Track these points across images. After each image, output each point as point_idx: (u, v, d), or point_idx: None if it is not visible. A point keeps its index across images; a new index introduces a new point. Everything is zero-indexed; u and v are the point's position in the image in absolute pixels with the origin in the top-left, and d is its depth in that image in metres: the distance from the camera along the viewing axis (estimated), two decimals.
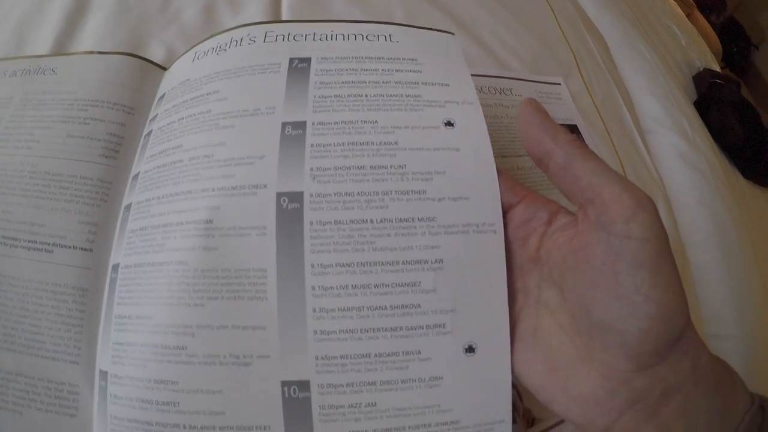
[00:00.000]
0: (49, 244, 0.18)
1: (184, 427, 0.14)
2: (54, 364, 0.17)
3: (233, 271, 0.15)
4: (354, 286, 0.15)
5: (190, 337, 0.15)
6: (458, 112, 0.17)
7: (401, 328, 0.15)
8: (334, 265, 0.15)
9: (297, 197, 0.16)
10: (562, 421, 0.20)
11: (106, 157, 0.19)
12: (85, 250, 0.18)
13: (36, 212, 0.18)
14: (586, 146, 0.14)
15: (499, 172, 0.16)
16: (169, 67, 0.22)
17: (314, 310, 0.15)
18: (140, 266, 0.16)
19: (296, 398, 0.14)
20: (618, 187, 0.13)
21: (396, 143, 0.16)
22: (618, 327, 0.13)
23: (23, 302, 0.17)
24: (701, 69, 0.41)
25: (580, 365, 0.14)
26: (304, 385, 0.14)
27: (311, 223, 0.15)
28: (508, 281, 0.15)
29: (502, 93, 0.28)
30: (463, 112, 0.17)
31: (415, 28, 0.20)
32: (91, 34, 0.24)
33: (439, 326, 0.15)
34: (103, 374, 0.16)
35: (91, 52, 0.22)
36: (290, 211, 0.15)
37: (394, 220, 0.15)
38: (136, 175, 0.18)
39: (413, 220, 0.15)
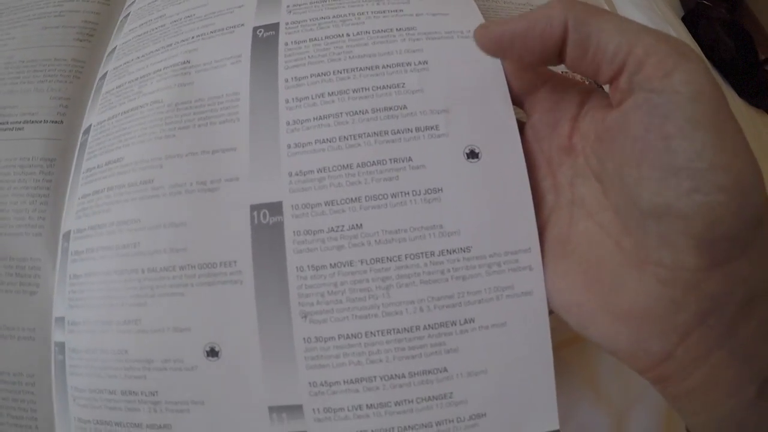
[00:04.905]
0: (20, 122, 0.20)
1: (143, 271, 0.14)
2: (16, 240, 0.18)
3: (207, 99, 0.17)
4: (330, 93, 0.16)
5: (158, 169, 0.16)
6: None
7: (386, 132, 0.15)
8: (309, 76, 0.16)
9: (272, 27, 0.18)
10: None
11: (81, 40, 0.22)
12: (56, 122, 0.20)
13: (8, 96, 0.21)
14: (598, 7, 0.13)
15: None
16: None
17: (288, 123, 0.16)
18: (114, 117, 0.18)
19: (266, 224, 0.14)
20: (651, 38, 0.12)
21: None
22: (679, 209, 0.11)
23: None
24: None
25: (630, 271, 0.12)
26: (275, 208, 0.14)
27: (286, 44, 0.17)
28: (533, 180, 0.15)
29: None
30: None
31: None
32: None
33: (431, 128, 0.15)
34: (66, 235, 0.16)
35: None
36: (265, 39, 0.17)
37: (371, 32, 0.17)
38: (113, 50, 0.20)
39: (392, 30, 0.16)
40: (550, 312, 0.14)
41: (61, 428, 0.16)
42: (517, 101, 0.16)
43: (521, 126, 0.16)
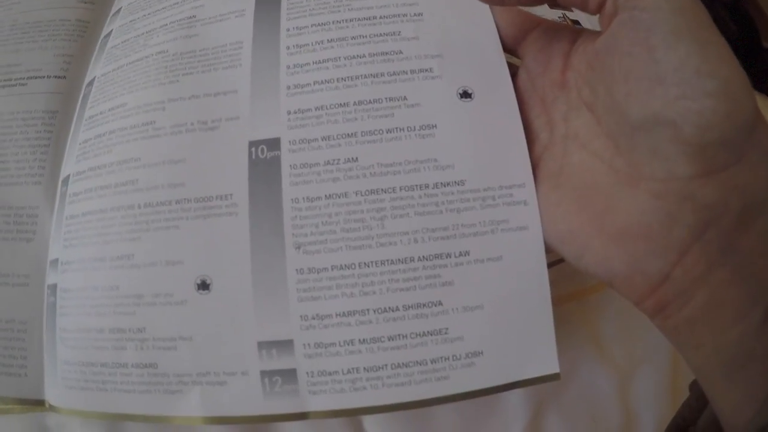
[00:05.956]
0: (23, 79, 0.21)
1: (139, 206, 0.15)
2: (16, 189, 0.19)
3: (211, 48, 0.18)
4: (330, 40, 0.17)
5: (161, 111, 0.17)
6: None
7: (382, 74, 0.16)
8: (310, 26, 0.17)
9: None
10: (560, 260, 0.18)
11: (85, 2, 0.23)
12: (59, 77, 0.21)
13: (14, 56, 0.22)
14: None
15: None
16: None
17: (288, 67, 0.16)
18: (119, 68, 0.19)
19: (264, 158, 0.15)
20: None
21: None
22: (667, 116, 0.11)
23: None
24: None
25: (623, 189, 0.13)
26: (273, 143, 0.15)
27: None
28: (527, 118, 0.16)
29: None
30: None
31: None
32: None
33: (426, 70, 0.16)
34: (65, 180, 0.17)
35: None
36: None
37: None
38: (119, 10, 0.21)
39: None
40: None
41: (50, 374, 0.16)
42: (511, 49, 0.17)
43: (515, 70, 0.17)
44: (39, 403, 0.17)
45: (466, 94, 0.15)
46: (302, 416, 0.14)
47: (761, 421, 0.11)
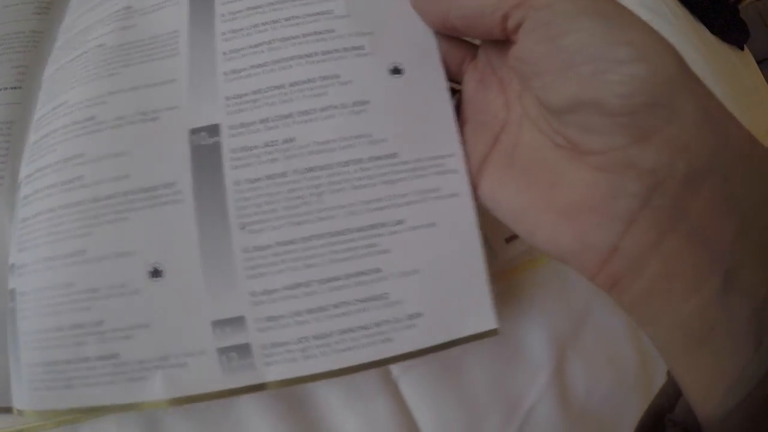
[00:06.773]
0: None
1: (87, 202, 0.16)
2: None
3: (148, 39, 0.18)
4: (264, 23, 0.17)
5: (102, 105, 0.17)
6: None
7: (315, 54, 0.17)
8: (244, 10, 0.18)
9: None
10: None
11: (38, 13, 0.24)
12: (14, 88, 0.22)
13: None
14: None
15: None
16: None
17: (224, 53, 0.17)
18: (61, 68, 0.19)
19: (205, 145, 0.15)
20: None
21: None
22: (588, 95, 0.11)
23: None
24: None
25: (567, 165, 0.13)
26: (213, 130, 0.15)
27: None
28: (487, 99, 0.16)
29: None
30: None
31: None
32: None
33: (357, 48, 0.17)
34: (18, 184, 0.17)
35: None
36: None
37: None
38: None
39: None
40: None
41: (15, 379, 0.17)
42: None
43: (475, 51, 0.17)
44: (7, 411, 0.18)
45: (396, 70, 0.16)
46: (260, 387, 0.15)
47: (733, 401, 0.10)
